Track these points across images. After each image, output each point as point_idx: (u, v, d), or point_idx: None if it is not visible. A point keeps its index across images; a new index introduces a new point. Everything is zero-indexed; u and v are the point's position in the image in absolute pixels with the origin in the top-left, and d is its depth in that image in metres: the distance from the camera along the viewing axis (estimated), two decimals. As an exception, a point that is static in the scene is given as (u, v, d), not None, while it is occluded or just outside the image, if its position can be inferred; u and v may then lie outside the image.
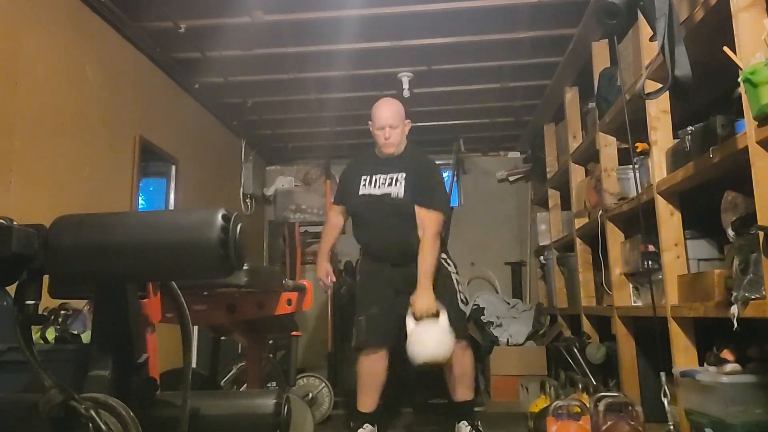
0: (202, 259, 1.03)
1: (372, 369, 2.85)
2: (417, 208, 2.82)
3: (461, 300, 2.96)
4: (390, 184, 2.89)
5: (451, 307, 2.82)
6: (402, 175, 2.89)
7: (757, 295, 1.76)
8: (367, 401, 2.88)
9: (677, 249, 2.47)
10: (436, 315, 2.69)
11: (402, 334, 2.75)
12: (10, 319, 1.05)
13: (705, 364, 2.19)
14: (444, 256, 2.97)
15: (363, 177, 2.94)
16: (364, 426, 2.85)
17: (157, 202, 3.86)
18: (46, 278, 1.10)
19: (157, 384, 1.23)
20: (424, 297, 2.70)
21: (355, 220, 3.04)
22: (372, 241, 2.96)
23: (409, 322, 2.70)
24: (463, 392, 2.94)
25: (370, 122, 2.96)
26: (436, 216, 2.82)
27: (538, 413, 2.89)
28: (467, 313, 3.04)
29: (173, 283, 1.31)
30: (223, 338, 2.68)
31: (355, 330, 2.91)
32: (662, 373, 2.28)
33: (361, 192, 2.92)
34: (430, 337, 2.65)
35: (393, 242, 2.89)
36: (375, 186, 2.91)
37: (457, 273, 3.01)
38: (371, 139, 3.00)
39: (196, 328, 3.18)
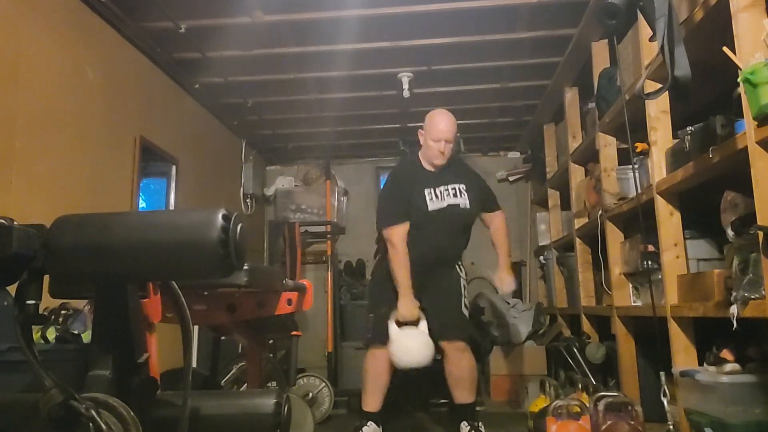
0: (202, 259, 1.03)
1: (377, 367, 2.89)
2: (485, 214, 3.10)
3: (465, 305, 3.00)
4: (455, 195, 2.92)
5: (453, 310, 2.92)
6: (462, 186, 2.95)
7: (757, 295, 1.76)
8: (373, 401, 2.91)
9: (677, 249, 2.47)
10: (417, 322, 2.78)
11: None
12: (11, 319, 1.05)
13: (705, 364, 2.20)
14: (459, 261, 3.06)
15: (427, 191, 2.88)
16: (369, 424, 2.87)
17: (157, 202, 3.86)
18: (46, 278, 1.10)
19: (158, 384, 1.23)
20: (509, 275, 3.03)
21: (411, 231, 2.88)
22: (423, 248, 2.86)
23: (391, 326, 2.77)
24: (462, 395, 2.94)
25: (421, 130, 2.96)
26: (503, 215, 3.17)
27: (538, 413, 2.89)
28: (468, 317, 3.06)
29: (173, 283, 1.31)
30: (223, 338, 2.68)
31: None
32: (662, 373, 2.29)
33: (430, 208, 2.87)
34: (412, 343, 2.75)
35: (445, 249, 2.94)
36: (440, 199, 2.89)
37: (465, 278, 3.08)
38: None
39: (196, 328, 3.18)
